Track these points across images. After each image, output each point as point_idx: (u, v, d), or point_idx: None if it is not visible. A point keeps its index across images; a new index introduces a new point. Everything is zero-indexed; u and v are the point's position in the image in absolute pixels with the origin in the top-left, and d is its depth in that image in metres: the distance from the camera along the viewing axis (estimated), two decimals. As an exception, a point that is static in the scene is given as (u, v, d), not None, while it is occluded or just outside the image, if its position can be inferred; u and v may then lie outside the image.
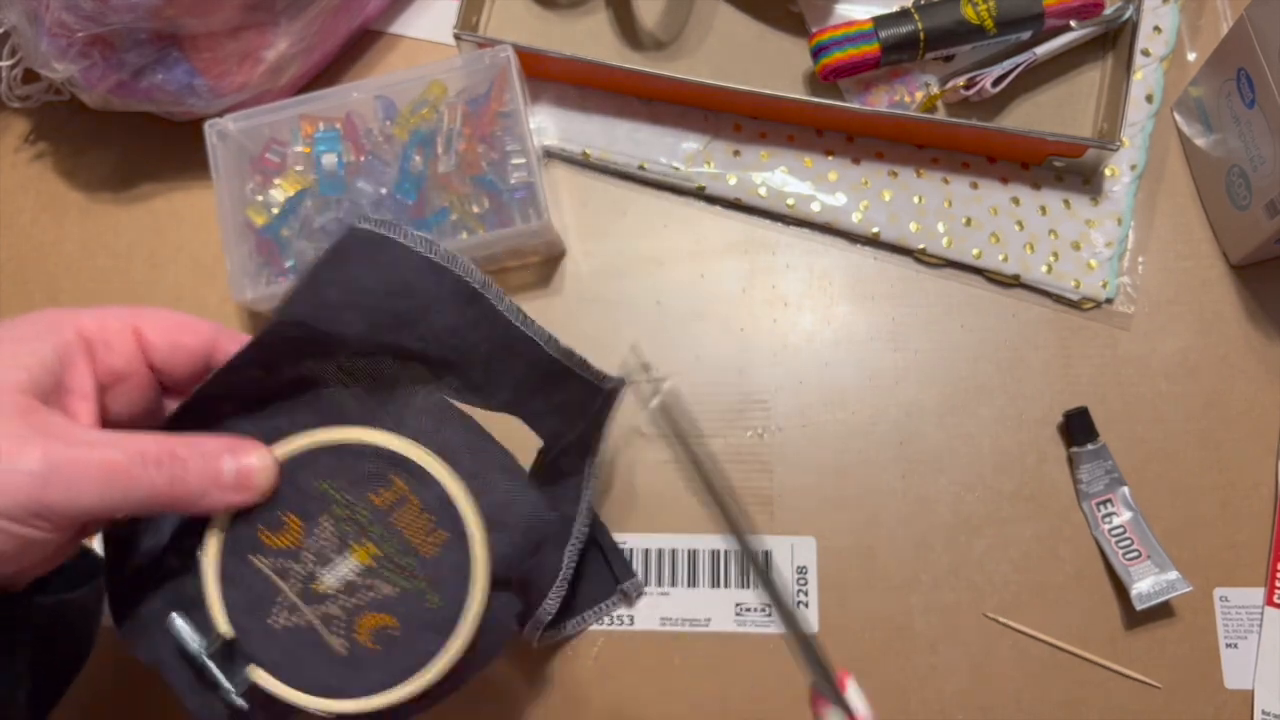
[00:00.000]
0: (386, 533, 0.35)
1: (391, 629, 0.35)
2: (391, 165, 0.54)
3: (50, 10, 0.49)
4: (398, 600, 0.35)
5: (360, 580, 0.35)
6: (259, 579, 0.35)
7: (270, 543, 0.35)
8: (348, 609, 0.35)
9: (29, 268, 0.58)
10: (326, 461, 0.36)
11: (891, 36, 0.54)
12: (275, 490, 0.35)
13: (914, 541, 0.52)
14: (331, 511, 0.35)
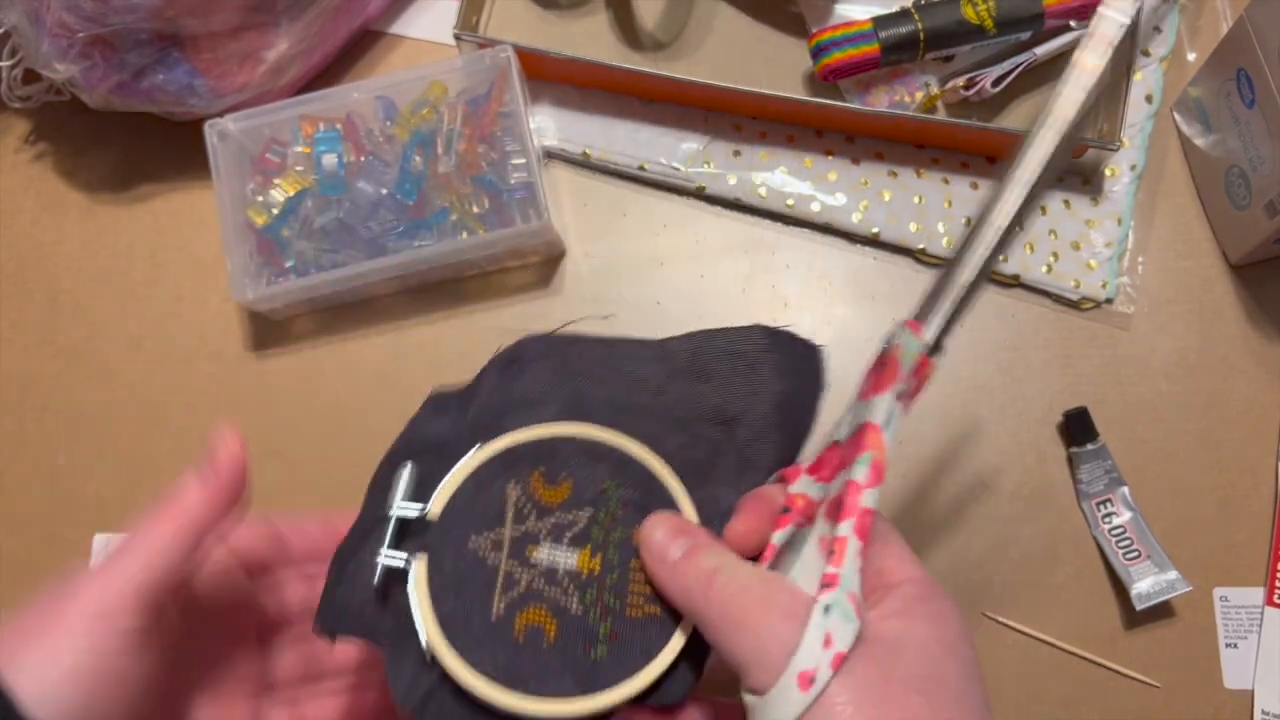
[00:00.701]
0: (620, 567, 0.34)
1: (547, 636, 0.33)
2: (392, 165, 0.54)
3: (51, 11, 0.49)
4: (572, 621, 0.33)
5: (564, 579, 0.34)
6: (494, 503, 0.34)
7: (536, 488, 0.34)
8: (531, 589, 0.33)
9: (29, 268, 0.58)
10: (623, 470, 0.35)
11: (891, 37, 0.54)
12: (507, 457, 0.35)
13: (914, 541, 0.52)
14: (599, 510, 0.34)
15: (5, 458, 0.55)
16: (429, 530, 0.34)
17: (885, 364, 0.33)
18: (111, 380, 0.56)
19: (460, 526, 0.34)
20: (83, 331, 0.57)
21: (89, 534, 0.54)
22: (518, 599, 0.33)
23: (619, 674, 0.32)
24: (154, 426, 0.55)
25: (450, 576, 0.33)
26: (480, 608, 0.33)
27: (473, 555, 0.33)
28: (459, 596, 0.33)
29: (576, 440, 0.35)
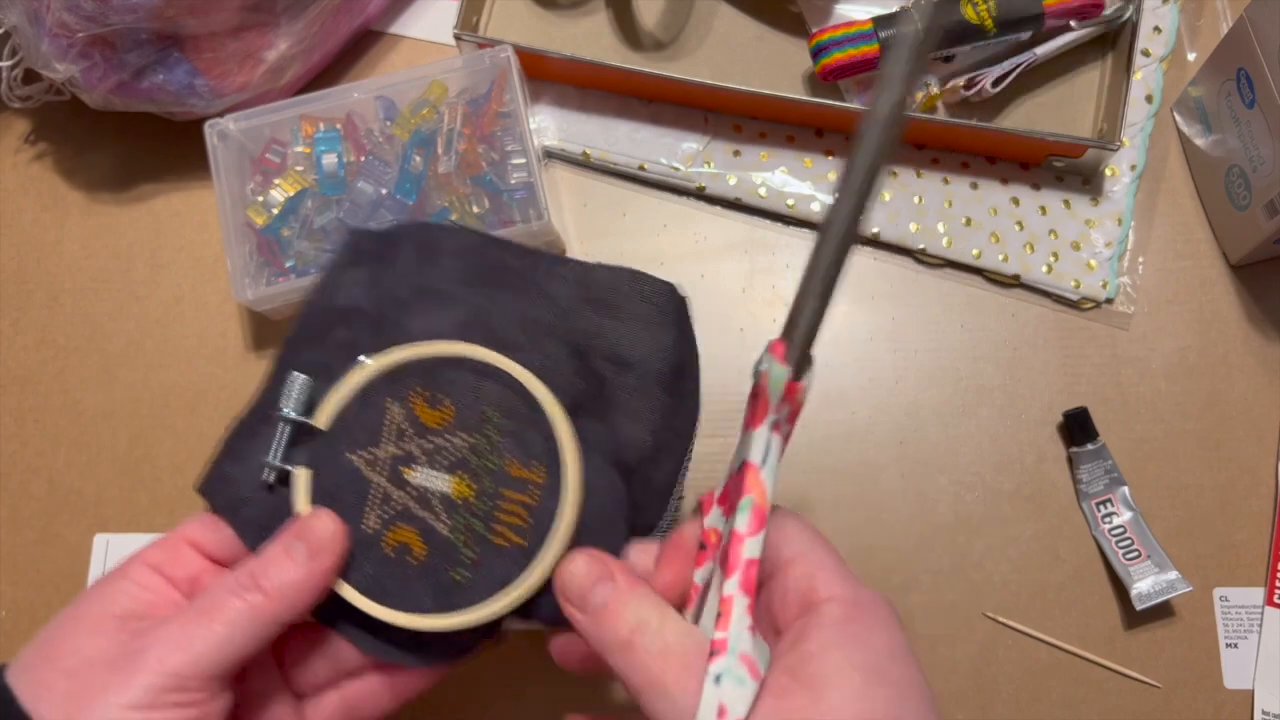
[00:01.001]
0: (491, 495, 0.34)
1: (414, 554, 0.34)
2: (392, 165, 0.54)
3: (51, 11, 0.49)
4: (441, 543, 0.34)
5: (436, 502, 0.35)
6: (375, 420, 0.35)
7: (417, 408, 0.35)
8: (404, 509, 0.35)
9: (30, 268, 0.58)
10: (507, 397, 0.35)
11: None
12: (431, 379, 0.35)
13: (914, 541, 0.52)
14: (477, 437, 0.35)
15: (5, 458, 0.55)
16: (316, 439, 0.35)
17: (756, 395, 0.32)
18: (111, 380, 0.56)
19: (343, 440, 0.35)
20: (83, 331, 0.57)
21: (89, 534, 0.54)
22: (390, 517, 0.35)
23: (475, 598, 0.34)
24: (154, 426, 0.55)
25: (330, 487, 0.35)
26: (353, 520, 0.35)
27: (352, 470, 0.35)
28: (335, 508, 0.35)
29: (465, 361, 0.35)
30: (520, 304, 0.37)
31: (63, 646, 0.31)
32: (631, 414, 0.38)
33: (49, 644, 0.32)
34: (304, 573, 0.33)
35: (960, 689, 0.50)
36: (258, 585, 0.32)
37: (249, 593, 0.32)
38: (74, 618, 0.32)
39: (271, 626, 0.32)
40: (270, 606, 0.32)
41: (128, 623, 0.32)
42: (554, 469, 0.35)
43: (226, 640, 0.31)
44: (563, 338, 0.37)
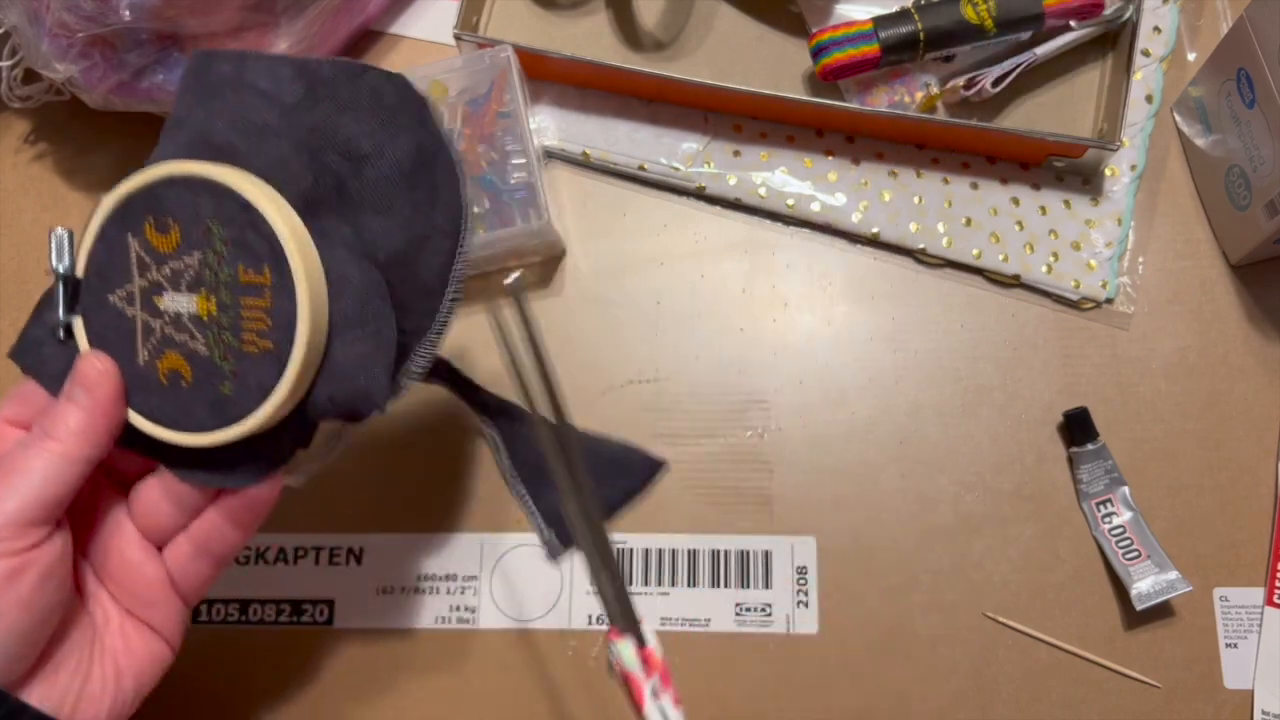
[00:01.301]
0: (232, 306, 0.35)
1: (184, 378, 0.36)
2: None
3: (51, 11, 0.49)
4: (202, 362, 0.36)
5: (188, 324, 0.36)
6: (121, 259, 0.36)
7: (151, 237, 0.36)
8: (165, 336, 0.36)
9: (30, 268, 0.58)
10: (223, 206, 0.35)
11: (891, 37, 0.54)
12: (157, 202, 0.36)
13: (914, 541, 0.52)
14: (206, 251, 0.36)
15: (5, 458, 0.55)
16: (82, 288, 0.37)
17: (626, 680, 0.35)
18: (111, 380, 0.56)
19: (100, 283, 0.36)
20: (83, 331, 0.57)
21: (89, 534, 0.54)
22: (155, 346, 0.36)
23: (245, 408, 0.35)
24: (154, 426, 0.55)
25: (101, 331, 0.37)
26: (127, 356, 0.36)
27: (114, 310, 0.36)
28: (108, 348, 0.36)
29: (179, 180, 0.36)
30: (239, 108, 0.37)
31: None
32: (376, 208, 0.38)
33: None
34: (86, 412, 0.35)
35: (960, 689, 0.50)
36: (47, 434, 0.35)
37: (44, 441, 0.35)
38: None
39: (74, 466, 0.35)
40: (64, 449, 0.34)
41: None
42: (280, 266, 0.35)
43: (31, 487, 0.34)
44: (288, 136, 0.37)
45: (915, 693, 0.50)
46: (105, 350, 0.37)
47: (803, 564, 0.52)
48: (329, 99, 0.38)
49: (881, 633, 0.51)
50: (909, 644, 0.51)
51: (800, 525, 0.52)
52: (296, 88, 0.38)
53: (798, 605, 0.51)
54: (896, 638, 0.51)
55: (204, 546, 0.39)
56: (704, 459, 0.54)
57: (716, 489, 0.53)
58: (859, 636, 0.51)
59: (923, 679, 0.50)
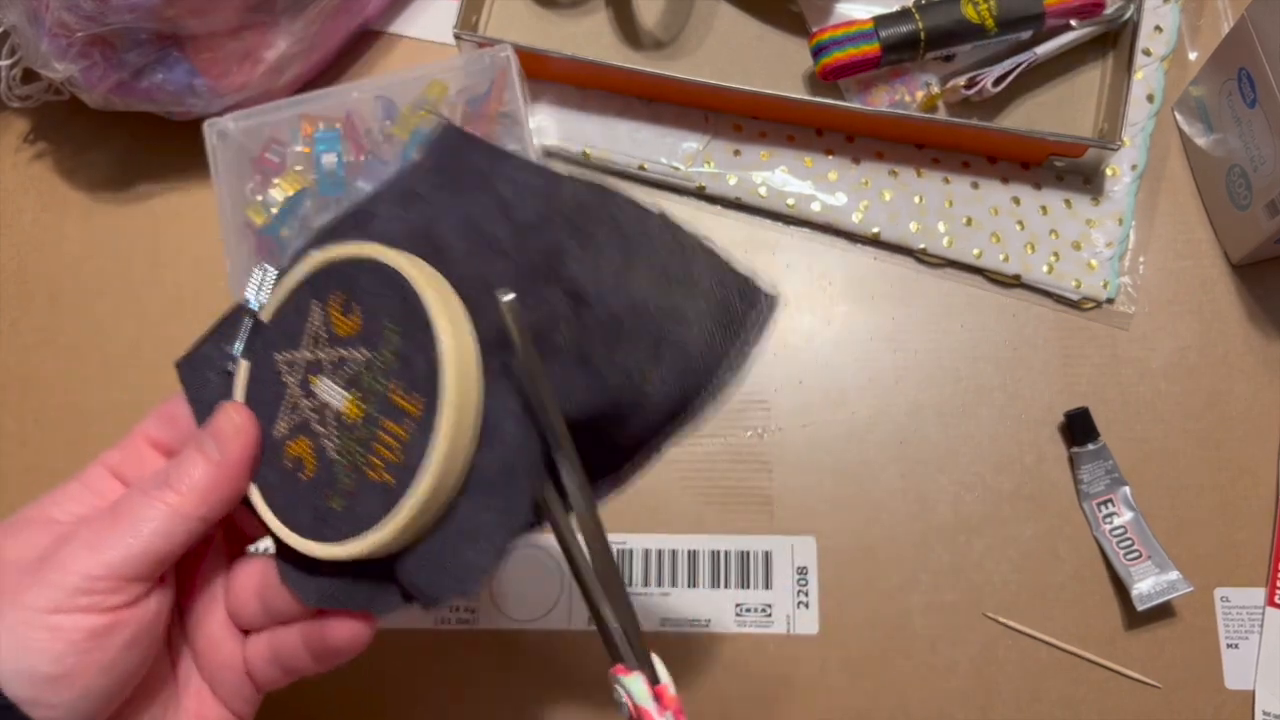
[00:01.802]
0: (373, 422, 0.32)
1: (305, 471, 0.33)
2: (391, 165, 0.54)
3: (51, 10, 0.49)
4: (327, 464, 0.32)
5: (331, 419, 0.33)
6: (300, 322, 0.33)
7: (333, 314, 0.33)
8: (306, 421, 0.33)
9: (30, 268, 0.58)
10: (407, 314, 0.31)
11: (892, 36, 0.54)
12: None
13: (914, 541, 0.52)
14: (374, 354, 0.32)
15: (5, 458, 0.55)
16: (261, 333, 0.35)
17: (637, 717, 0.32)
18: (111, 380, 0.56)
19: (276, 337, 0.34)
20: (83, 331, 0.57)
21: (89, 534, 0.54)
22: (295, 427, 0.33)
23: (339, 532, 0.32)
24: (154, 426, 0.55)
25: (257, 385, 0.34)
26: (268, 423, 0.34)
27: (274, 370, 0.34)
28: (258, 406, 0.34)
29: (380, 267, 0.32)
30: (476, 213, 0.34)
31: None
32: (581, 359, 0.32)
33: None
34: (213, 468, 0.32)
35: (960, 689, 0.50)
36: (169, 483, 0.32)
37: (161, 491, 0.32)
38: (16, 520, 0.32)
39: (188, 524, 0.32)
40: (182, 504, 0.31)
41: (55, 525, 0.32)
42: (431, 405, 0.30)
43: (138, 540, 0.31)
44: (513, 258, 0.33)
45: (915, 693, 0.50)
46: (252, 407, 0.34)
47: (803, 564, 0.52)
48: (571, 224, 0.33)
49: (882, 633, 0.51)
50: (909, 644, 0.51)
51: (800, 525, 0.52)
52: (537, 205, 0.33)
53: (798, 606, 0.51)
54: (896, 638, 0.51)
55: (278, 658, 0.35)
56: (704, 459, 0.54)
57: (716, 489, 0.53)
58: (859, 636, 0.51)
59: (923, 679, 0.50)
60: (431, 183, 0.35)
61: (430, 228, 0.34)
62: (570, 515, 0.33)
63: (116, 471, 0.34)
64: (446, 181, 0.35)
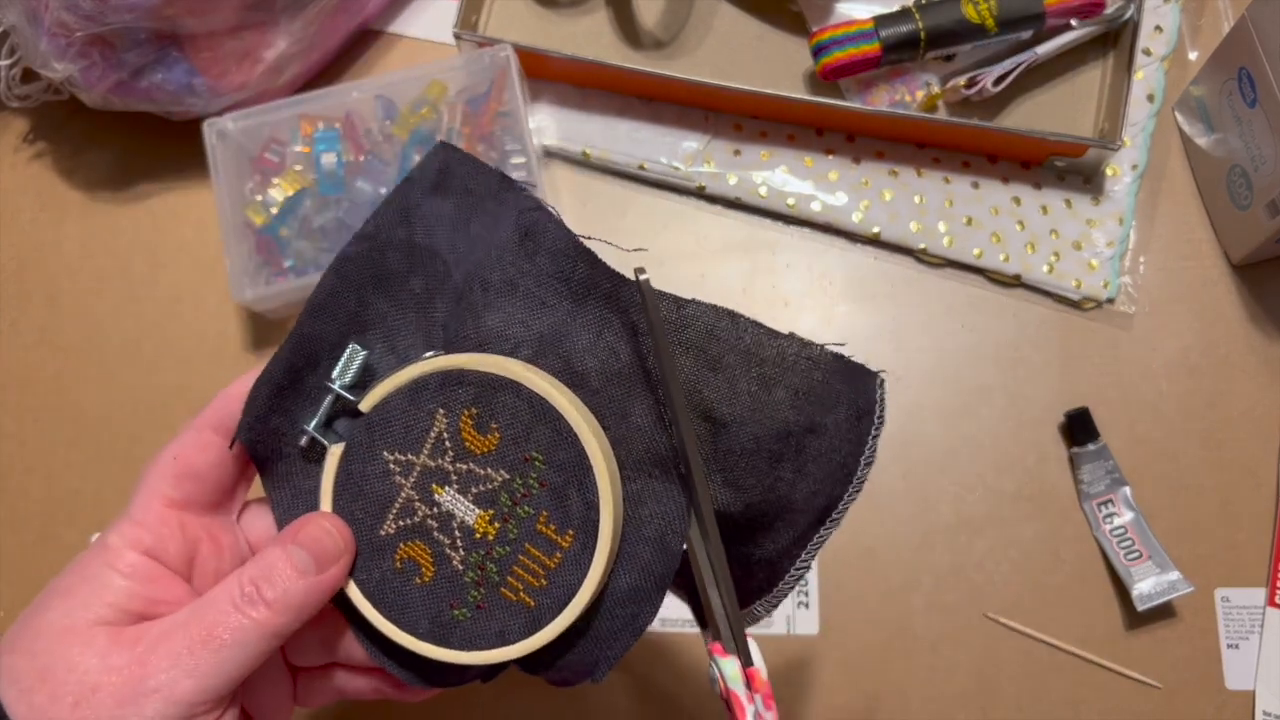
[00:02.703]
0: (515, 543, 0.32)
1: (422, 575, 0.33)
2: (391, 165, 0.54)
3: (50, 10, 0.49)
4: (450, 574, 0.33)
5: (456, 530, 0.33)
6: (419, 424, 0.33)
7: (464, 428, 0.32)
8: (423, 526, 0.33)
9: (29, 267, 0.58)
10: (561, 450, 0.32)
11: (892, 36, 0.54)
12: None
13: (915, 541, 0.52)
14: (516, 478, 0.32)
15: (5, 458, 0.55)
16: (356, 420, 0.33)
17: (728, 700, 0.32)
18: (111, 380, 0.56)
19: (383, 433, 0.33)
20: (82, 331, 0.57)
21: (87, 534, 0.54)
22: (407, 528, 0.33)
23: (470, 641, 0.32)
24: (154, 427, 0.55)
25: (356, 477, 0.33)
26: (371, 521, 0.33)
27: (382, 467, 0.33)
28: (356, 500, 0.33)
29: (526, 392, 0.32)
30: (606, 334, 0.34)
31: (58, 666, 0.30)
32: (725, 478, 0.34)
33: (42, 657, 0.30)
34: (308, 584, 0.31)
35: (961, 690, 0.50)
36: (261, 597, 0.31)
37: (253, 607, 0.31)
38: (64, 629, 0.31)
39: (278, 639, 0.31)
40: (276, 621, 0.31)
41: (124, 633, 0.31)
42: (586, 542, 0.32)
43: (233, 660, 0.30)
44: (648, 385, 0.33)
45: (916, 693, 0.50)
46: (348, 499, 0.33)
47: (803, 564, 0.52)
48: (698, 350, 0.34)
49: (882, 633, 0.51)
50: (909, 644, 0.51)
51: (801, 525, 0.52)
52: (670, 333, 0.34)
53: (798, 606, 0.51)
54: (897, 638, 0.51)
55: (342, 692, 0.36)
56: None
57: (717, 489, 0.53)
58: (859, 637, 0.51)
59: (923, 680, 0.50)
60: (555, 290, 0.34)
61: (562, 344, 0.33)
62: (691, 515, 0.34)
63: (153, 555, 0.32)
64: (571, 292, 0.34)
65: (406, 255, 0.35)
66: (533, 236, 0.34)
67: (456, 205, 0.35)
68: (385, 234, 0.35)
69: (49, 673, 0.30)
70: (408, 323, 0.35)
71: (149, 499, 0.34)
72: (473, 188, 0.35)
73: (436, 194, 0.35)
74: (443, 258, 0.35)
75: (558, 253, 0.34)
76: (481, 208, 0.35)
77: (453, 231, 0.35)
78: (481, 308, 0.34)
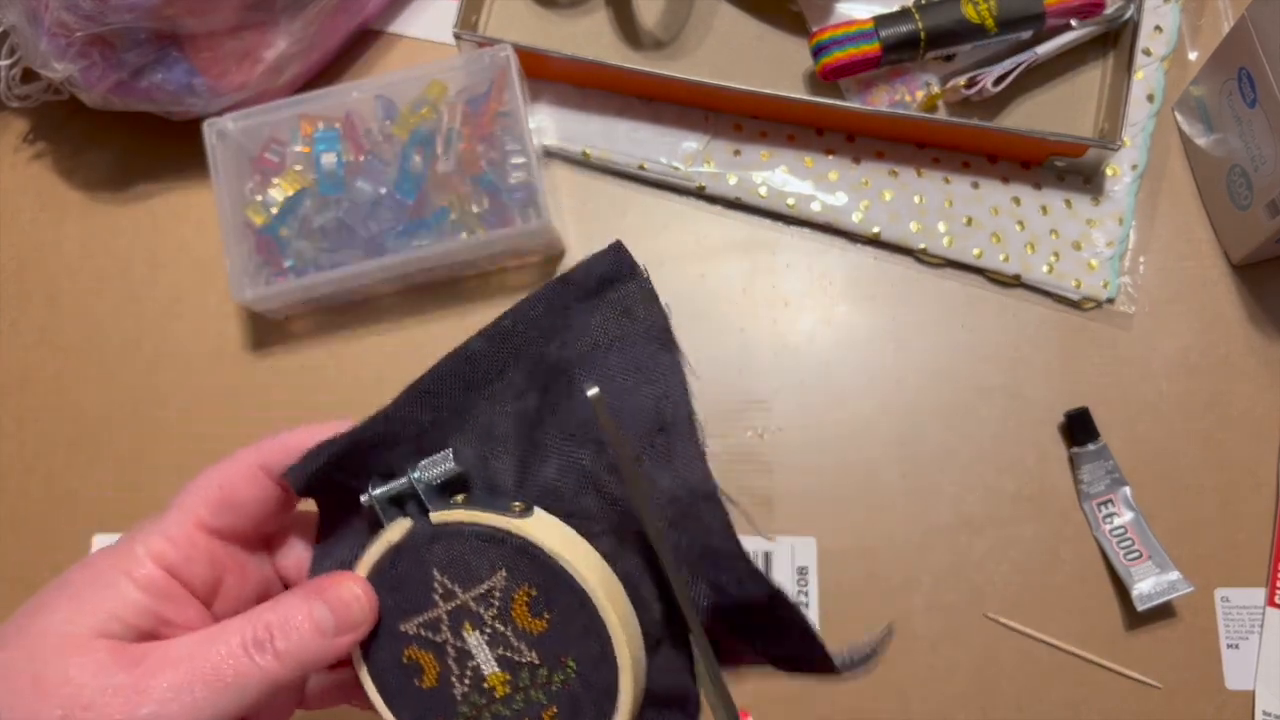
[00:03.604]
0: (519, 713, 0.32)
1: (424, 680, 0.33)
2: (391, 165, 0.54)
3: (50, 10, 0.49)
4: (446, 697, 0.33)
5: (469, 671, 0.32)
6: (483, 569, 0.32)
7: (518, 601, 0.32)
8: (442, 646, 0.33)
9: (29, 268, 0.58)
10: (602, 668, 0.32)
11: (892, 36, 0.54)
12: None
13: (914, 542, 0.52)
14: (543, 668, 0.32)
15: (4, 458, 0.55)
16: (420, 519, 0.32)
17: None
18: (111, 380, 0.56)
19: (439, 554, 0.32)
20: (82, 331, 0.57)
21: (87, 535, 0.54)
22: (426, 640, 0.32)
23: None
24: (153, 426, 0.55)
25: (401, 570, 0.32)
26: (397, 612, 0.33)
27: (428, 580, 0.32)
28: (392, 589, 0.32)
29: (588, 605, 0.31)
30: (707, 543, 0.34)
31: (52, 675, 0.29)
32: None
33: (38, 662, 0.29)
34: (323, 645, 0.31)
35: (961, 690, 0.50)
36: (273, 646, 0.30)
37: (261, 654, 0.30)
38: (65, 636, 0.30)
39: (278, 689, 0.30)
40: (281, 673, 0.30)
41: (127, 651, 0.30)
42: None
43: (232, 702, 0.30)
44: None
45: (915, 693, 0.50)
46: (385, 583, 0.32)
47: (803, 564, 0.52)
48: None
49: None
50: (909, 644, 0.51)
51: (800, 525, 0.52)
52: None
53: (798, 606, 0.51)
54: (897, 638, 0.51)
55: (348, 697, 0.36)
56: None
57: (716, 489, 0.53)
58: (859, 637, 0.51)
59: (923, 679, 0.50)
60: (666, 509, 0.33)
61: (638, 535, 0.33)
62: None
63: (175, 572, 0.32)
64: (676, 514, 0.33)
65: (534, 368, 0.33)
66: (668, 432, 0.33)
67: (604, 322, 0.33)
68: (520, 338, 0.33)
69: (42, 680, 0.29)
70: (508, 442, 0.33)
71: (184, 517, 0.33)
72: (635, 314, 0.34)
73: (590, 301, 0.33)
74: (569, 376, 0.33)
75: (685, 471, 0.33)
76: (630, 345, 0.34)
77: (592, 350, 0.33)
78: (595, 471, 0.32)
